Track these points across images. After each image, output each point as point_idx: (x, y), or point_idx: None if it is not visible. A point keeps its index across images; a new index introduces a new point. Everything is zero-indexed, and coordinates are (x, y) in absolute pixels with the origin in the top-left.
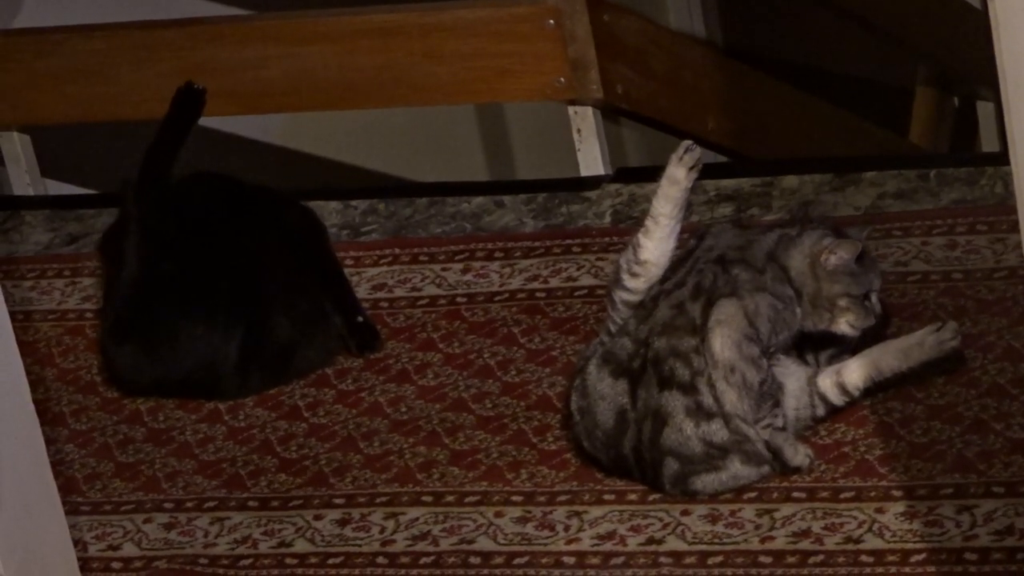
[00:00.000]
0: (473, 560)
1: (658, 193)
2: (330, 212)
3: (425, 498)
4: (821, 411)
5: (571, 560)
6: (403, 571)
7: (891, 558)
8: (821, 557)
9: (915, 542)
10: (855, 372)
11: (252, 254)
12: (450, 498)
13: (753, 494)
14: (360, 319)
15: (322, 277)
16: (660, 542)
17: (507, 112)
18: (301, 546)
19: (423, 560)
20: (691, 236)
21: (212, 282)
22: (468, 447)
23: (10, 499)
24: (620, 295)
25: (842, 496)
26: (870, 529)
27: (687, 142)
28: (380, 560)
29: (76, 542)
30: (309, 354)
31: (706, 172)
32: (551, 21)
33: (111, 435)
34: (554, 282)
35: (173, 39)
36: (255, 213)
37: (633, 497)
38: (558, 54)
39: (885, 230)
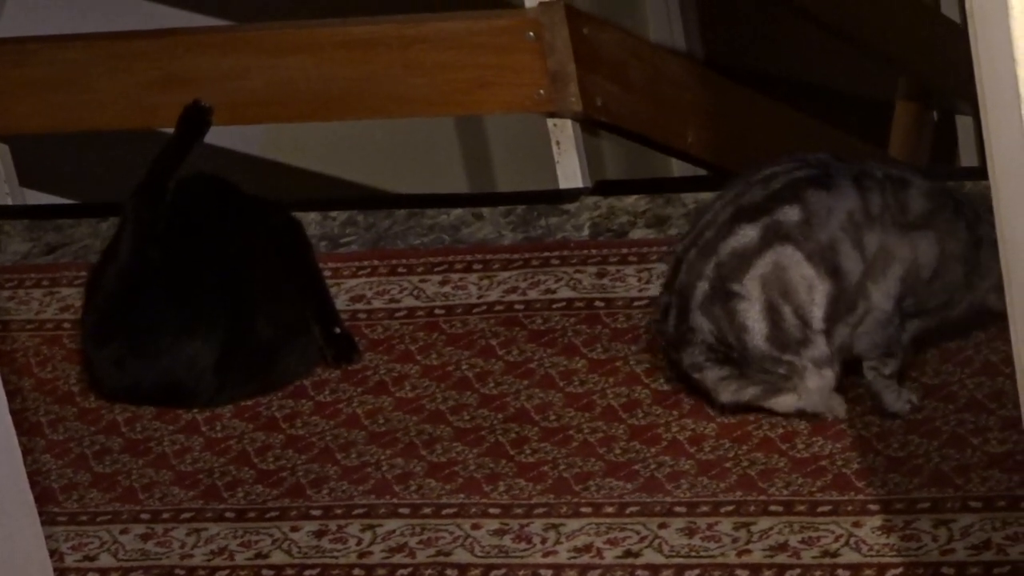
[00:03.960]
0: (450, 572)
1: None
2: (309, 223)
3: (402, 510)
4: None
5: (548, 573)
6: None
7: (868, 572)
8: (798, 571)
9: (892, 556)
10: None
11: (238, 259)
12: (427, 510)
13: (730, 507)
14: (337, 330)
15: (304, 286)
16: (637, 555)
17: (486, 124)
18: (278, 557)
19: (400, 572)
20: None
21: (197, 283)
22: (445, 459)
23: None
24: None
25: (819, 510)
26: (847, 543)
27: None
28: (357, 572)
29: (52, 552)
30: (290, 361)
31: (685, 185)
32: (531, 33)
33: (88, 445)
34: (532, 294)
35: (152, 49)
36: (244, 218)
37: (610, 510)
38: (537, 66)
39: None
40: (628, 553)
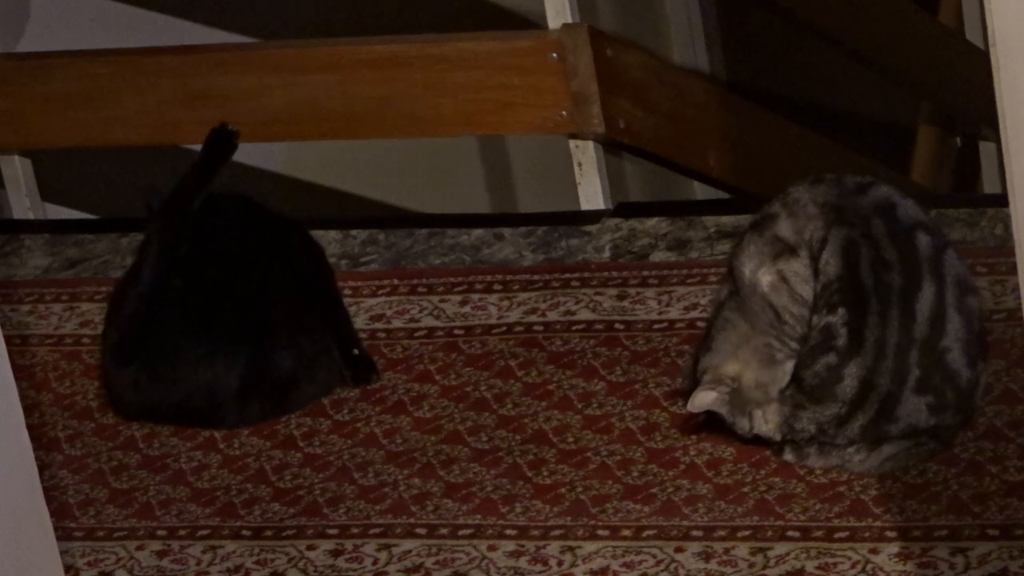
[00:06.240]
0: None
1: None
2: (330, 241)
3: (419, 530)
4: None
5: None
6: None
7: None
8: None
9: None
10: None
11: (260, 285)
12: (444, 531)
13: (747, 532)
14: (356, 351)
15: (324, 313)
16: None
17: (508, 145)
18: None
19: None
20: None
21: (218, 309)
22: (463, 480)
23: (1, 524)
24: None
25: (836, 536)
26: (864, 569)
27: None
28: None
29: (68, 568)
30: (309, 388)
31: (707, 208)
32: (554, 54)
33: (105, 461)
34: (552, 316)
35: (176, 65)
36: (267, 243)
37: (627, 533)
38: (560, 88)
39: None
40: None
